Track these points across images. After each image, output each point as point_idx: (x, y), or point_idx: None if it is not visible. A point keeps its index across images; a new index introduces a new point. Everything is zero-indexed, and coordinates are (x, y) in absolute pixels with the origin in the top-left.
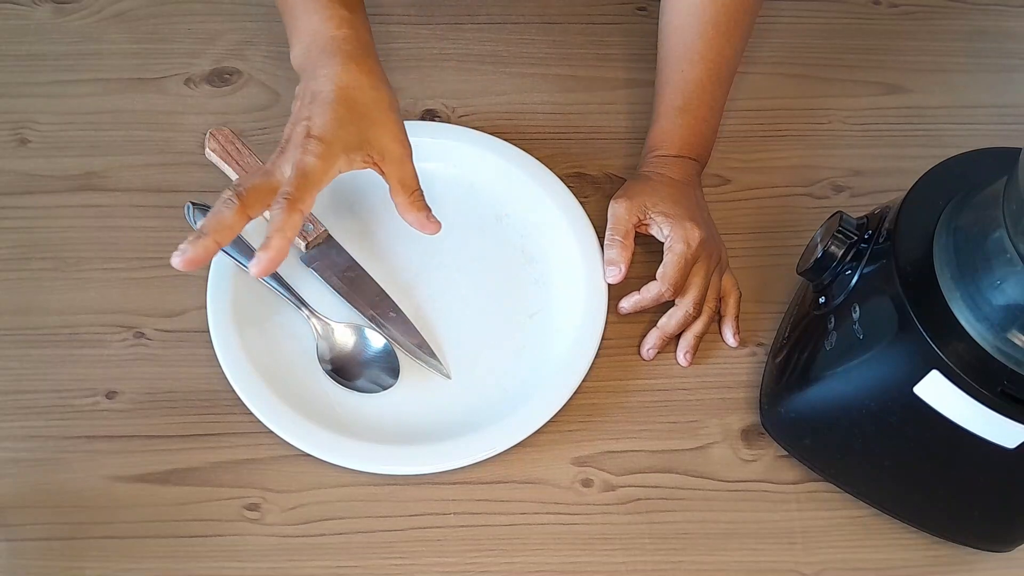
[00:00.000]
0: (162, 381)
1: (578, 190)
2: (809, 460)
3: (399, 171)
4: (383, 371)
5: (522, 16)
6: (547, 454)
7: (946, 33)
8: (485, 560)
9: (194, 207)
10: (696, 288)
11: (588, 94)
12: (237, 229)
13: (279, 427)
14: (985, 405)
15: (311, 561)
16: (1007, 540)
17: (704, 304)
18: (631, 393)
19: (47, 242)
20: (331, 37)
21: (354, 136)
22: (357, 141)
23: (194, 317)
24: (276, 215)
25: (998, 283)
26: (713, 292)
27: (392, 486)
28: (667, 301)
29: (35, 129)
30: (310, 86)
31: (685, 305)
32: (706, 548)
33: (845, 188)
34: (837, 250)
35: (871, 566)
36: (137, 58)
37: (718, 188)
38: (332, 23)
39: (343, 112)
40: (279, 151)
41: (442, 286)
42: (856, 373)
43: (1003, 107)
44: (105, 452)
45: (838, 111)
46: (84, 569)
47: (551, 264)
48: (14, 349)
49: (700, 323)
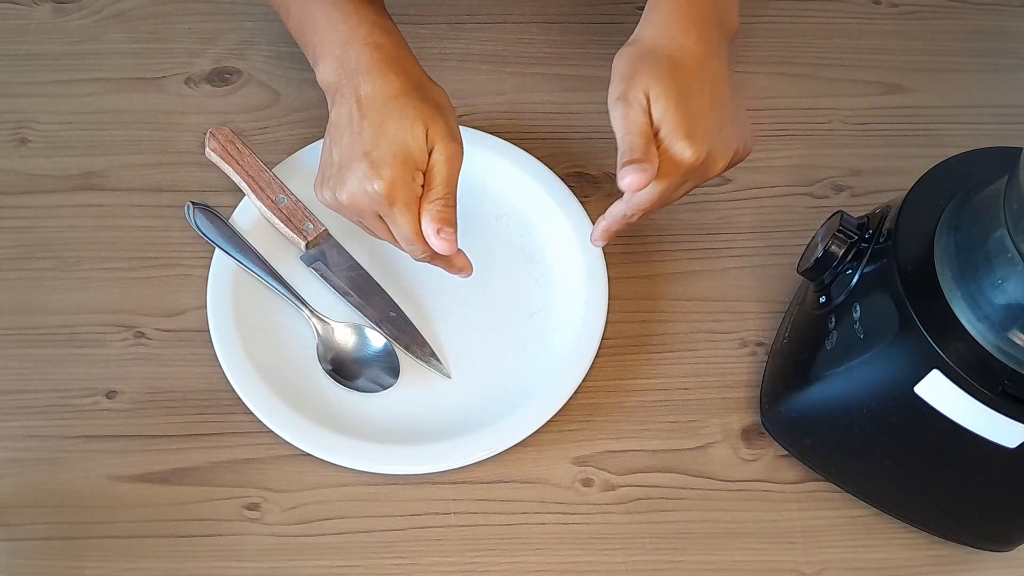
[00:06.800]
0: (162, 381)
1: (578, 190)
2: (809, 460)
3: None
4: (383, 371)
5: (522, 16)
6: (547, 454)
7: (946, 33)
8: (485, 560)
9: (194, 207)
10: (662, 205)
11: (588, 94)
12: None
13: (279, 427)
14: (986, 405)
15: (311, 561)
16: (1007, 540)
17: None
18: (631, 393)
19: (47, 242)
20: (364, 44)
21: (418, 153)
22: (421, 157)
23: (194, 317)
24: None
25: (999, 282)
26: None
27: (392, 486)
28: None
29: (35, 129)
30: (359, 109)
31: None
32: (706, 548)
33: (845, 188)
34: (838, 250)
35: (871, 566)
36: (137, 58)
37: (718, 188)
38: (363, 30)
39: (395, 131)
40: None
41: (442, 286)
42: (856, 373)
43: (1003, 107)
44: (105, 452)
45: (838, 111)
46: (84, 569)
47: (551, 264)
48: (14, 349)
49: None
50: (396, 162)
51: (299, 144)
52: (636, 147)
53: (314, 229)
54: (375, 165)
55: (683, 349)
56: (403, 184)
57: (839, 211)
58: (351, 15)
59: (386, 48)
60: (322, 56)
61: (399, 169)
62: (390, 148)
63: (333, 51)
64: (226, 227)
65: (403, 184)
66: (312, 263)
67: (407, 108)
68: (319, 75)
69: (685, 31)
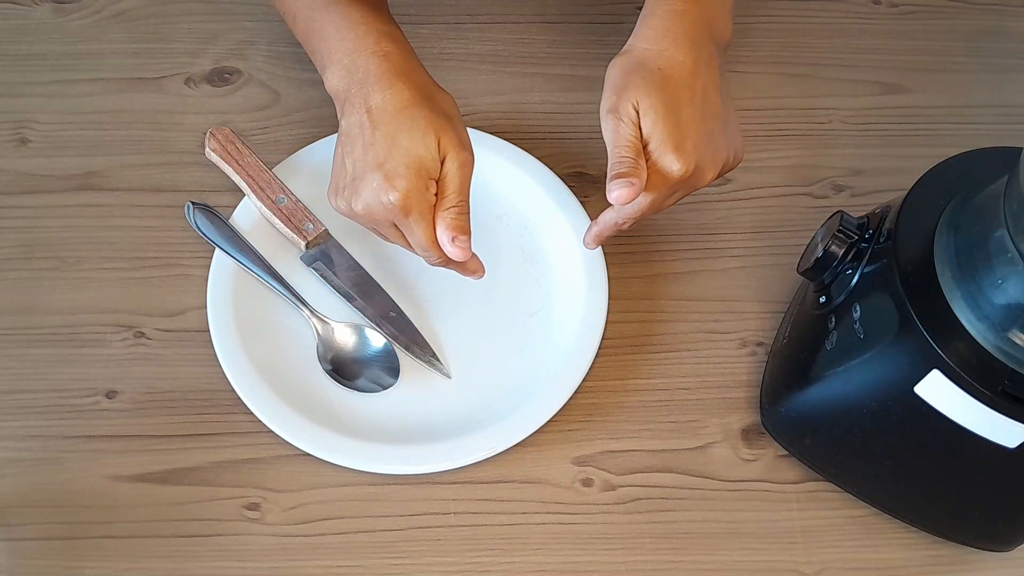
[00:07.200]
0: (162, 381)
1: (578, 190)
2: (809, 460)
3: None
4: (383, 371)
5: (522, 16)
6: (547, 454)
7: (946, 33)
8: (485, 560)
9: (194, 207)
10: (652, 214)
11: (588, 94)
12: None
13: (279, 427)
14: (986, 405)
15: (311, 561)
16: (1007, 540)
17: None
18: (631, 393)
19: (47, 242)
20: (372, 53)
21: (430, 163)
22: (433, 167)
23: (194, 317)
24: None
25: (999, 282)
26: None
27: (392, 486)
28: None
29: (35, 129)
30: (370, 119)
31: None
32: (706, 548)
33: (845, 188)
34: (838, 250)
35: (871, 566)
36: (137, 58)
37: (718, 188)
38: (370, 39)
39: (405, 142)
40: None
41: (442, 286)
42: (856, 372)
43: (1003, 107)
44: (105, 452)
45: (838, 111)
46: (84, 569)
47: (551, 264)
48: (14, 349)
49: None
50: (410, 173)
51: (299, 144)
52: (624, 161)
53: (314, 229)
54: (389, 177)
55: (683, 349)
56: (417, 194)
57: (839, 211)
58: (358, 23)
59: (394, 57)
60: (329, 64)
61: (413, 180)
62: (403, 159)
63: (341, 59)
64: (226, 227)
65: (417, 194)
66: (312, 263)
67: (418, 119)
68: (327, 83)
69: (677, 42)
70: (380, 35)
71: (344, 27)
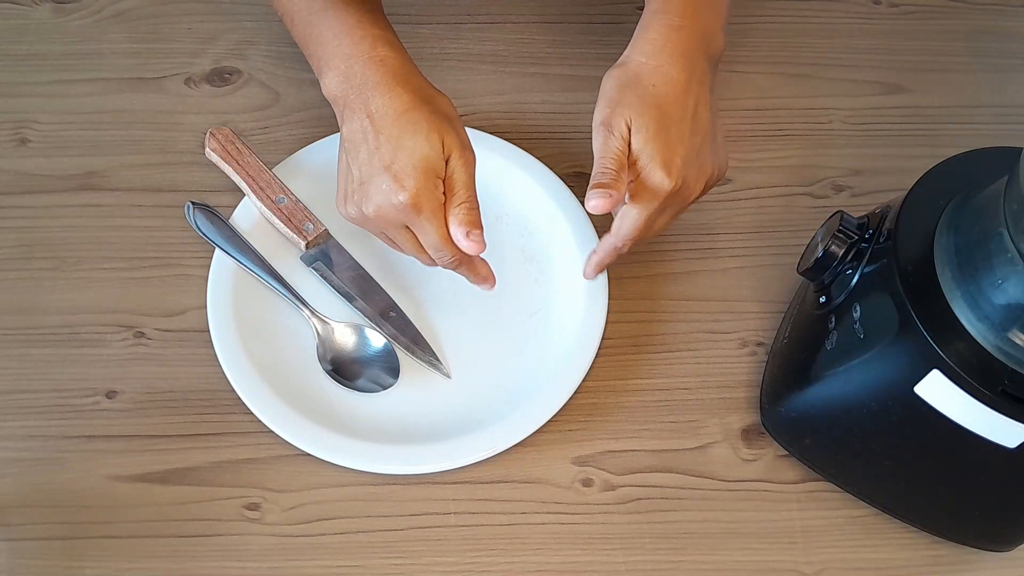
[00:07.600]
0: (162, 381)
1: (578, 190)
2: (809, 460)
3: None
4: (383, 371)
5: (522, 16)
6: (547, 454)
7: (946, 33)
8: (485, 560)
9: (194, 207)
10: (647, 233)
11: (588, 94)
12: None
13: (279, 427)
14: (986, 405)
15: (311, 561)
16: (1007, 540)
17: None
18: (631, 393)
19: (47, 242)
20: (368, 59)
21: (436, 163)
22: (439, 166)
23: (194, 317)
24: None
25: (999, 282)
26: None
27: (392, 486)
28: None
29: (35, 129)
30: (372, 125)
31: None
32: (706, 548)
33: (845, 188)
34: (838, 250)
35: (871, 566)
36: (137, 58)
37: (718, 188)
38: (366, 44)
39: (409, 143)
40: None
41: (442, 285)
42: (856, 372)
43: (1003, 107)
44: (105, 452)
45: (838, 111)
46: (84, 569)
47: (551, 264)
48: (14, 349)
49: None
50: (418, 172)
51: (299, 144)
52: (606, 172)
53: (314, 229)
54: (398, 177)
55: (683, 349)
56: (427, 193)
57: (839, 211)
58: (354, 28)
59: (390, 62)
60: (327, 69)
61: (421, 179)
62: (410, 160)
63: (338, 65)
64: (226, 227)
65: (427, 193)
66: (312, 263)
67: (420, 121)
68: (324, 87)
69: (672, 58)
70: (376, 40)
71: (340, 32)
